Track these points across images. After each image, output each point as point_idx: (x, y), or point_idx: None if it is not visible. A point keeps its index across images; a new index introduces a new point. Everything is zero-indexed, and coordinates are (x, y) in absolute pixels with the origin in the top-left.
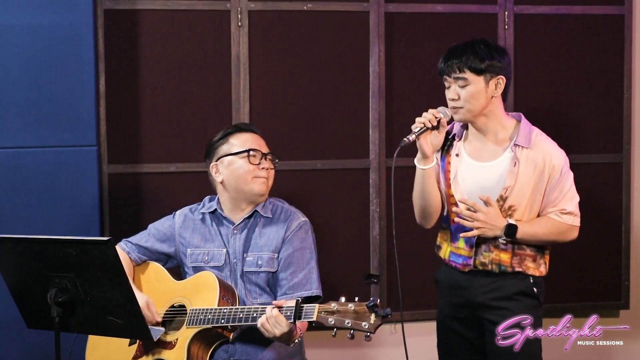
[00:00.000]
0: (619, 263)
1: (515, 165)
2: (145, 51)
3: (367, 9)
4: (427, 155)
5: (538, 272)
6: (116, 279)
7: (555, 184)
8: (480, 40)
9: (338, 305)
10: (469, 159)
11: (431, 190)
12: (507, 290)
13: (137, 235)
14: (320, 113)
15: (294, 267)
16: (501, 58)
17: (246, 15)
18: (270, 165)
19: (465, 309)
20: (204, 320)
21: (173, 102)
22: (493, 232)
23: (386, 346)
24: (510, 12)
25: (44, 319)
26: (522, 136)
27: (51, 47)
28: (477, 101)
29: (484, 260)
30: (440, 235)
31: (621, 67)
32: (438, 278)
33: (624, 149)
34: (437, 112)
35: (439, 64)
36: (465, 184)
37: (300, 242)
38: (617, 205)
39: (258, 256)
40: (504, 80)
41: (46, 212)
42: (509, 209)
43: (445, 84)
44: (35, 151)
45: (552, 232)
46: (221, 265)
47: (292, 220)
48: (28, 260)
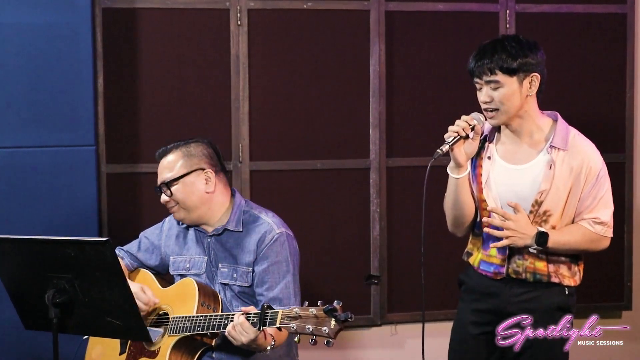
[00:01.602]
0: (621, 264)
1: (551, 168)
2: (144, 50)
3: (368, 8)
4: (461, 164)
5: (573, 281)
6: (114, 280)
7: (590, 189)
8: (511, 37)
9: (300, 310)
10: (502, 161)
11: (465, 199)
12: (541, 303)
13: (129, 245)
14: (320, 112)
15: (270, 282)
16: (534, 54)
17: (246, 14)
18: (165, 199)
19: (491, 315)
20: (182, 328)
21: (172, 101)
22: (524, 241)
23: (387, 347)
24: (511, 10)
25: (42, 320)
26: (558, 137)
27: (49, 46)
28: (511, 103)
29: (518, 268)
30: (471, 241)
31: (623, 66)
32: (464, 280)
33: (626, 149)
34: (470, 119)
35: (469, 64)
36: (498, 188)
37: (275, 256)
38: (619, 205)
39: (233, 268)
40: (539, 78)
41: (44, 212)
42: (543, 214)
43: (476, 85)
44: (33, 151)
45: (584, 241)
46: (202, 273)
47: (266, 233)
48: (26, 261)
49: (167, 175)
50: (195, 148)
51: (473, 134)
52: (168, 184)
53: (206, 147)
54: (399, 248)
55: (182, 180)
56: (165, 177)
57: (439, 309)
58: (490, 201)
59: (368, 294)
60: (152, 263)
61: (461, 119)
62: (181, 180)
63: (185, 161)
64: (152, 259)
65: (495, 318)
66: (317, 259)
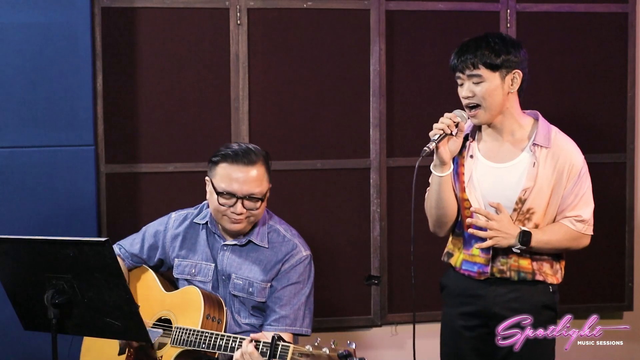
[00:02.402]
0: (622, 264)
1: (534, 166)
2: (143, 49)
3: (368, 7)
4: (445, 162)
5: (555, 279)
6: (113, 280)
7: (573, 187)
8: (494, 34)
9: (313, 349)
10: (484, 160)
11: (448, 198)
12: (527, 302)
13: (130, 238)
14: (321, 112)
15: (285, 300)
16: (516, 52)
17: (245, 13)
18: (242, 210)
19: (477, 318)
20: (187, 341)
21: (171, 101)
22: (507, 241)
23: (387, 348)
24: (512, 10)
25: (41, 321)
26: (541, 135)
27: (48, 45)
28: (493, 98)
29: (502, 267)
30: (452, 241)
31: (625, 65)
32: (445, 284)
33: (627, 149)
34: (454, 116)
35: (452, 59)
36: (481, 186)
37: (297, 277)
38: (620, 205)
39: (248, 282)
40: (521, 75)
41: (43, 213)
42: (527, 212)
43: (457, 81)
44: (32, 151)
45: (565, 239)
46: (208, 280)
47: (293, 254)
48: (25, 261)
49: (256, 190)
50: (267, 162)
51: (457, 130)
52: (257, 199)
53: (269, 162)
54: (400, 248)
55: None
56: (255, 191)
57: (437, 309)
58: (473, 200)
59: (368, 295)
60: (152, 263)
61: (445, 116)
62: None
63: (268, 177)
64: (152, 257)
65: (482, 320)
66: (317, 260)
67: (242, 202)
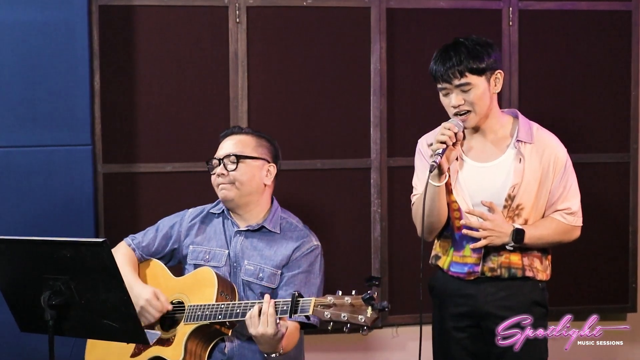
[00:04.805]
0: (626, 265)
1: (521, 162)
2: (141, 48)
3: (368, 5)
4: (444, 172)
5: (545, 275)
6: (111, 282)
7: (560, 179)
8: (467, 38)
9: (335, 298)
10: (470, 160)
11: (442, 205)
12: (518, 299)
13: (143, 231)
14: (321, 111)
15: (296, 288)
16: (495, 52)
17: (244, 11)
18: (222, 171)
19: (468, 318)
20: (201, 316)
21: (169, 100)
22: (501, 240)
23: (387, 350)
24: (514, 8)
25: (38, 323)
26: (523, 131)
27: (45, 44)
28: (483, 102)
29: (493, 265)
30: (439, 244)
31: (628, 64)
32: (435, 286)
33: (631, 148)
34: (453, 126)
35: (434, 69)
36: (468, 187)
37: (308, 266)
38: (624, 205)
39: (260, 268)
40: (502, 75)
41: (40, 213)
42: (517, 208)
43: (441, 91)
44: (29, 150)
45: (557, 233)
46: (221, 266)
47: (305, 242)
48: (21, 262)
49: (237, 149)
50: (266, 142)
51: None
52: (237, 157)
53: (274, 146)
54: (400, 249)
55: (249, 161)
56: (235, 150)
57: None
58: (461, 201)
59: None
60: (163, 254)
61: (445, 129)
62: (248, 161)
63: (257, 147)
64: (166, 248)
65: (474, 320)
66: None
67: (222, 163)
